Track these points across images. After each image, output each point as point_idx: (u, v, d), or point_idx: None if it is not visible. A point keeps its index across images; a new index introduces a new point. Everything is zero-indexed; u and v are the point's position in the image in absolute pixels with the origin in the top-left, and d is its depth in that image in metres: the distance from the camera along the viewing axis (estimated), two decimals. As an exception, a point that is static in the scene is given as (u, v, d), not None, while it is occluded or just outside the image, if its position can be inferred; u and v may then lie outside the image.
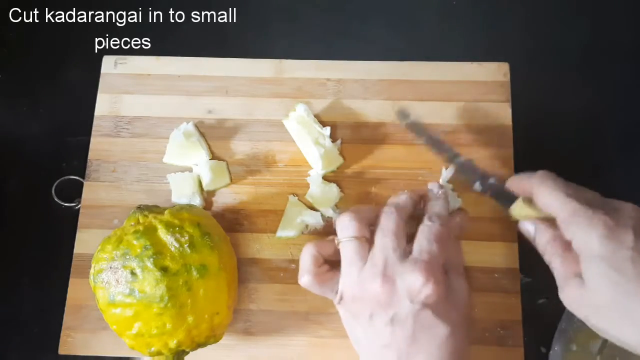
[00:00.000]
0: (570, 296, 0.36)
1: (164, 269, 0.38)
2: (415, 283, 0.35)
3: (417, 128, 0.48)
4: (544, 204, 0.37)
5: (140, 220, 0.40)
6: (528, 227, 0.39)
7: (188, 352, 0.40)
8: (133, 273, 0.38)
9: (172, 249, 0.39)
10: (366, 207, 0.40)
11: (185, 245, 0.39)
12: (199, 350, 0.40)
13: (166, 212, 0.41)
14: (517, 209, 0.39)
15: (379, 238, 0.38)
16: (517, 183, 0.40)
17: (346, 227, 0.38)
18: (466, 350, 0.37)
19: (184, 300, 0.38)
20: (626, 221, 0.34)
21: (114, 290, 0.38)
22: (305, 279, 0.39)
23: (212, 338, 0.40)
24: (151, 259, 0.38)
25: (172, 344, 0.38)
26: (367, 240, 0.38)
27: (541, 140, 0.50)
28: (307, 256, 0.39)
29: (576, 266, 0.35)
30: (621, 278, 0.33)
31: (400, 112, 0.48)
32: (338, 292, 0.38)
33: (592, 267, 0.34)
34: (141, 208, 0.41)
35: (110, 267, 0.38)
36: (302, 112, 0.48)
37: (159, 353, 0.39)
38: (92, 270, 0.39)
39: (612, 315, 0.34)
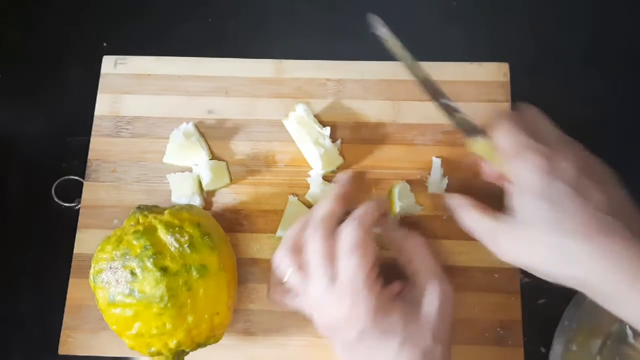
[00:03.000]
0: (503, 243, 0.34)
1: (163, 269, 0.38)
2: (341, 311, 0.35)
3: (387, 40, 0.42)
4: (496, 138, 0.35)
5: (140, 221, 0.40)
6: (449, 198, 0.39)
7: (188, 352, 0.40)
8: (133, 273, 0.38)
9: (172, 249, 0.39)
10: (291, 233, 0.40)
11: (185, 246, 0.39)
12: (199, 350, 0.40)
13: (166, 212, 0.41)
14: (478, 146, 0.38)
15: (308, 266, 0.37)
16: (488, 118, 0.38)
17: (280, 266, 0.39)
18: (435, 352, 0.35)
19: (184, 300, 0.38)
20: (569, 157, 0.33)
21: (113, 290, 0.38)
22: (273, 298, 0.41)
23: (212, 338, 0.40)
24: (151, 259, 0.38)
25: (172, 344, 0.38)
26: (301, 265, 0.38)
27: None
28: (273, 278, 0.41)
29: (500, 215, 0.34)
30: (558, 214, 0.31)
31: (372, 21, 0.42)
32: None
33: (530, 202, 0.32)
34: (141, 208, 0.41)
35: (110, 267, 0.38)
36: (302, 112, 0.48)
37: (159, 353, 0.39)
38: (92, 271, 0.39)
39: (549, 253, 0.32)
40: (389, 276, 0.38)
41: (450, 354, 0.37)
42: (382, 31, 0.42)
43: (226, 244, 0.43)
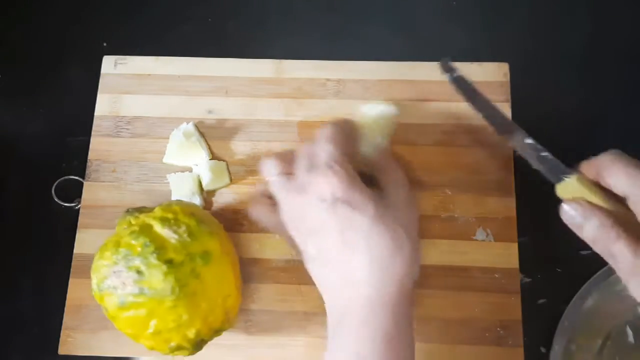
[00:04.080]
0: None
1: (169, 262, 0.37)
2: (319, 185, 0.37)
3: (462, 84, 0.43)
4: (614, 181, 0.31)
5: (133, 222, 0.40)
6: (573, 210, 0.32)
7: (206, 342, 0.40)
8: (139, 272, 0.37)
9: (173, 241, 0.38)
10: (288, 151, 0.43)
11: (185, 235, 0.39)
12: (201, 350, 0.40)
13: (156, 208, 0.41)
14: (570, 188, 0.32)
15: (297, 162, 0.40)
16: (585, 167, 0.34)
17: (269, 167, 0.41)
18: (404, 248, 0.36)
19: (195, 287, 0.38)
20: None
21: (122, 293, 0.37)
22: (255, 210, 0.43)
23: (227, 323, 0.40)
24: (154, 255, 0.37)
25: (191, 334, 0.38)
26: (292, 174, 0.41)
27: (541, 141, 0.50)
28: (257, 193, 0.45)
29: None
30: None
31: (444, 66, 0.43)
32: (279, 223, 0.41)
33: None
34: (130, 211, 0.41)
35: (114, 272, 0.38)
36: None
37: (179, 347, 0.38)
38: (94, 281, 0.39)
39: None
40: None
41: (418, 257, 0.37)
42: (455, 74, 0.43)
43: (221, 230, 0.43)
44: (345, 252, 0.36)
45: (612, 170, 0.31)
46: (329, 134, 0.39)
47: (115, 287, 0.38)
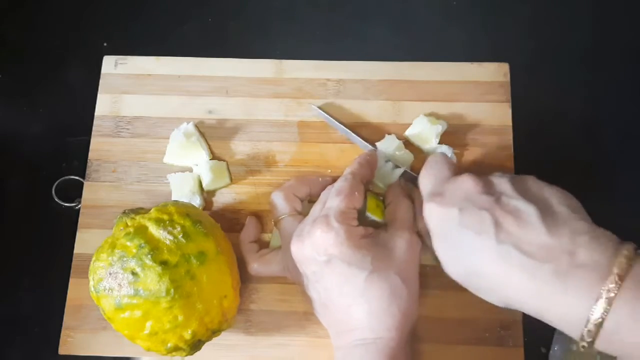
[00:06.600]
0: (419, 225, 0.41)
1: (163, 263, 0.37)
2: (314, 238, 0.38)
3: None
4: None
5: (129, 224, 0.40)
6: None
7: (204, 342, 0.40)
8: (134, 273, 0.37)
9: (167, 242, 0.38)
10: (297, 182, 0.45)
11: (180, 237, 0.39)
12: (200, 350, 0.40)
13: (152, 210, 0.41)
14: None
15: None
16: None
17: (278, 206, 0.44)
18: (402, 297, 0.38)
19: (190, 289, 0.38)
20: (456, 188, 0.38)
21: (118, 294, 0.38)
22: (252, 268, 0.44)
23: (225, 323, 0.40)
24: (149, 256, 0.37)
25: (187, 334, 0.38)
26: (300, 212, 0.43)
27: (541, 141, 0.50)
28: (244, 250, 0.45)
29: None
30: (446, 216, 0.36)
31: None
32: (284, 267, 0.43)
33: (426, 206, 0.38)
34: (126, 212, 0.41)
35: (109, 274, 0.38)
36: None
37: (176, 348, 0.38)
38: (91, 283, 0.39)
39: (440, 244, 0.37)
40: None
41: (416, 301, 0.39)
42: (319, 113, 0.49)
43: (218, 229, 0.43)
44: (343, 302, 0.38)
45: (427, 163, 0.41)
46: (341, 187, 0.40)
47: (111, 288, 0.38)
